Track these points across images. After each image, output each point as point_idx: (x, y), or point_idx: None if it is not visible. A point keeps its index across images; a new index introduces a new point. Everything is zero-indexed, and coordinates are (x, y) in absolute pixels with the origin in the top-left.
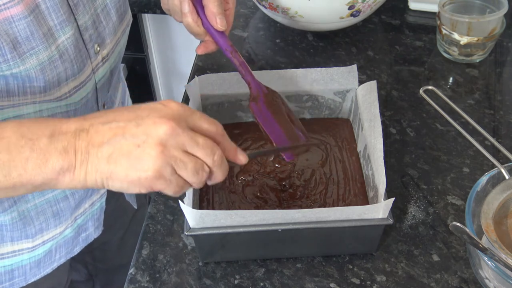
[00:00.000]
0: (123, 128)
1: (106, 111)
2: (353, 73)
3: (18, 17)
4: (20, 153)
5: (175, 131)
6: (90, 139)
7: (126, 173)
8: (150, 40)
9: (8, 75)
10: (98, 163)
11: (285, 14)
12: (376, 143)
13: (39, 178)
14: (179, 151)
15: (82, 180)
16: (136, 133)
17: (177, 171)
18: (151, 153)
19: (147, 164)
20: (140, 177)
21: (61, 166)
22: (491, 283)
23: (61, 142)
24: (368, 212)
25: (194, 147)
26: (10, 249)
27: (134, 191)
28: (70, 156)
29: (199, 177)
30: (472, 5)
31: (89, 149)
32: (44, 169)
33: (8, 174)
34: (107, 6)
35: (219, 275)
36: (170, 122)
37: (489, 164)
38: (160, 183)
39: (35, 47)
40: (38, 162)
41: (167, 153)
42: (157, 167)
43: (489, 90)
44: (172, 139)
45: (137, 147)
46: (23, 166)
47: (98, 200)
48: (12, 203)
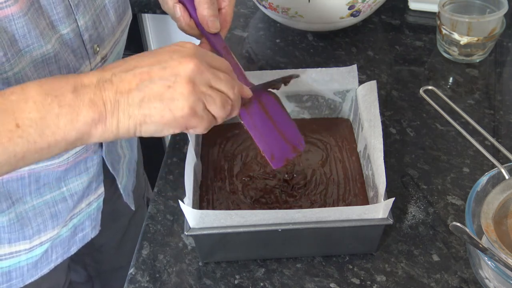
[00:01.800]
0: (148, 72)
1: (123, 60)
2: (353, 73)
3: (17, 15)
4: (49, 111)
5: (200, 69)
6: (116, 88)
7: (161, 115)
8: (150, 40)
9: (11, 77)
10: (131, 110)
11: (285, 14)
12: (376, 143)
13: (73, 133)
14: (206, 87)
15: (115, 129)
16: (163, 75)
17: (207, 106)
18: (183, 91)
19: (181, 102)
20: (175, 116)
21: (92, 118)
22: (491, 283)
23: (86, 95)
24: (368, 212)
25: (218, 82)
26: (7, 251)
27: (167, 132)
28: (99, 107)
29: (225, 110)
30: (472, 5)
31: (117, 97)
32: (76, 124)
33: (43, 133)
34: (105, 7)
35: (219, 275)
36: (194, 60)
37: (489, 164)
38: (194, 120)
39: (31, 45)
40: (69, 118)
41: (198, 90)
42: (191, 104)
43: (489, 90)
44: (199, 76)
45: (168, 88)
46: (55, 123)
47: (95, 200)
48: (10, 204)
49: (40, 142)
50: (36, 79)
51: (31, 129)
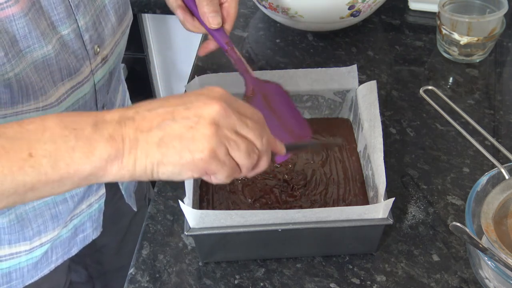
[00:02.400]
0: (171, 112)
1: (149, 100)
2: (353, 73)
3: (18, 16)
4: (65, 143)
5: (226, 112)
6: (137, 126)
7: (180, 155)
8: (150, 40)
9: (12, 77)
10: (149, 148)
11: (285, 14)
12: (376, 143)
13: (87, 168)
14: (231, 131)
15: (131, 168)
16: (187, 115)
17: (230, 152)
18: (205, 132)
19: (201, 144)
20: (194, 158)
21: (109, 154)
22: (491, 283)
23: (106, 130)
24: (368, 212)
25: (245, 128)
26: (7, 252)
27: (186, 176)
28: (117, 143)
29: (250, 159)
30: (472, 5)
31: (137, 135)
32: (91, 158)
33: (55, 165)
34: (106, 7)
35: (219, 275)
36: (221, 102)
37: (489, 164)
38: (215, 164)
39: (31, 45)
40: (85, 151)
41: (221, 133)
42: (212, 146)
43: (489, 90)
44: (224, 119)
45: (189, 129)
46: (70, 155)
47: (96, 201)
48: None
49: (51, 174)
50: (37, 79)
51: (44, 160)
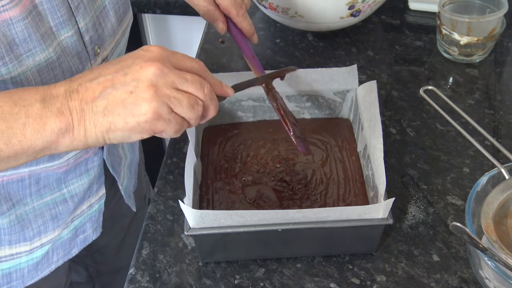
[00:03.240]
0: (111, 80)
1: (91, 69)
2: (353, 73)
3: (16, 19)
4: (16, 120)
5: (162, 71)
6: (82, 97)
7: (125, 121)
8: (150, 40)
9: (8, 81)
10: (95, 118)
11: (285, 14)
12: (376, 143)
13: (39, 142)
14: (170, 89)
15: (83, 138)
16: (125, 81)
17: (173, 109)
18: (145, 96)
19: (143, 107)
20: (139, 121)
21: (59, 128)
22: (491, 283)
23: (54, 105)
24: (368, 212)
25: (184, 83)
26: (8, 252)
27: (136, 138)
28: (66, 117)
29: (195, 111)
30: (472, 5)
31: (83, 106)
32: (43, 133)
33: (9, 142)
34: (105, 8)
35: (219, 275)
36: (156, 63)
37: (489, 164)
38: (160, 124)
39: (32, 49)
40: (36, 127)
41: (160, 93)
42: (153, 107)
43: (489, 90)
44: (161, 79)
45: (130, 94)
46: (22, 132)
47: (97, 202)
48: (10, 206)
49: (6, 150)
50: (38, 83)
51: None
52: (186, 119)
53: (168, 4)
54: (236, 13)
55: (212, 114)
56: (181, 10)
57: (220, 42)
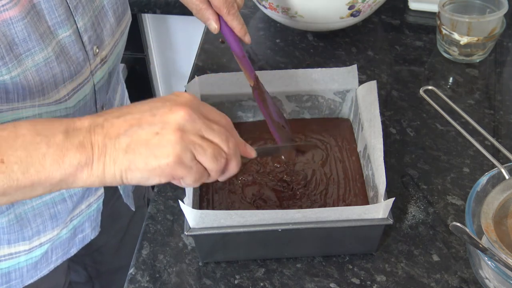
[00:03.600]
0: (138, 119)
1: (118, 107)
2: (353, 73)
3: (16, 19)
4: (36, 150)
5: (191, 117)
6: (106, 133)
7: (146, 162)
8: (150, 40)
9: (8, 80)
10: (116, 155)
11: (285, 14)
12: (376, 143)
13: (57, 174)
14: (197, 136)
15: (100, 174)
16: (153, 121)
17: (196, 156)
18: (170, 138)
19: (167, 150)
20: (160, 164)
21: (79, 161)
22: (491, 283)
23: (77, 137)
24: (368, 212)
25: (211, 133)
26: (7, 252)
27: (154, 181)
28: (87, 150)
29: (218, 163)
30: (472, 5)
31: (106, 142)
32: (62, 165)
33: (26, 171)
34: (104, 8)
35: (219, 275)
36: (186, 108)
37: (489, 164)
38: (181, 169)
39: (31, 49)
40: (56, 158)
41: (186, 138)
42: (177, 151)
43: (489, 90)
44: (189, 125)
45: (155, 135)
46: (41, 162)
47: (95, 201)
48: (9, 205)
49: (22, 180)
50: (37, 82)
51: (15, 166)
52: (207, 170)
53: (168, 4)
54: (227, 12)
55: (233, 170)
56: (181, 10)
57: (220, 42)
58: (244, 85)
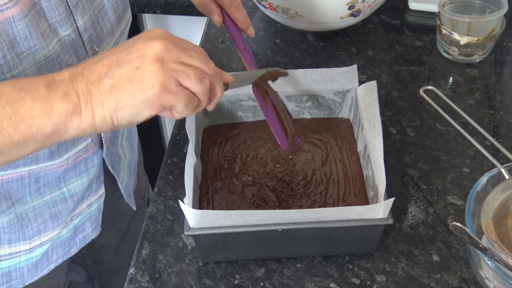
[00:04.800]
0: (116, 60)
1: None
2: (353, 73)
3: (17, 17)
4: (23, 104)
5: (167, 47)
6: (87, 79)
7: (133, 97)
8: None
9: (9, 79)
10: (102, 97)
11: (285, 14)
12: (376, 143)
13: (48, 125)
14: (177, 63)
15: (90, 120)
16: (130, 58)
17: (181, 81)
18: (151, 69)
19: (150, 81)
20: (147, 96)
21: (67, 109)
22: (491, 283)
23: (60, 88)
24: (368, 212)
25: (189, 58)
26: (7, 251)
27: (144, 115)
28: (73, 98)
29: (203, 85)
30: (472, 5)
31: (89, 87)
32: (50, 115)
33: (17, 126)
34: (104, 7)
35: (219, 275)
36: (161, 39)
37: (489, 164)
38: (169, 97)
39: (33, 47)
40: (44, 109)
41: (167, 66)
42: (161, 80)
43: (489, 90)
44: (167, 54)
45: (136, 70)
46: (30, 115)
47: (96, 201)
48: (10, 205)
49: (15, 135)
50: None
51: (5, 123)
52: (195, 94)
53: (168, 4)
54: (229, 4)
55: (219, 93)
56: (181, 10)
57: (220, 42)
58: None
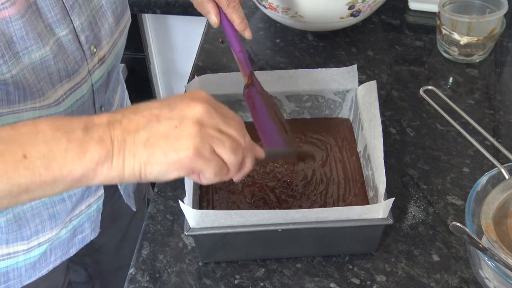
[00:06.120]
0: (156, 114)
1: (135, 105)
2: (353, 73)
3: (15, 17)
4: (58, 145)
5: (209, 111)
6: (125, 128)
7: (165, 155)
8: (150, 40)
9: (9, 79)
10: (136, 149)
11: (285, 14)
12: (376, 143)
13: (79, 169)
14: (215, 130)
15: (120, 169)
16: (171, 116)
17: (215, 149)
18: (189, 131)
19: (186, 143)
20: (180, 157)
21: (99, 155)
22: (491, 283)
23: (96, 133)
24: (368, 212)
25: (228, 127)
26: (5, 252)
27: (172, 175)
28: (107, 145)
29: (236, 156)
30: (472, 5)
31: (125, 136)
32: (83, 159)
33: (49, 166)
34: (102, 7)
35: (219, 275)
36: (204, 103)
37: (489, 164)
38: (200, 162)
39: (29, 47)
40: (77, 152)
41: (205, 132)
42: (196, 144)
43: (489, 90)
44: (207, 119)
45: (174, 128)
46: (63, 157)
47: (95, 202)
48: None
49: (45, 175)
50: (34, 81)
51: (38, 161)
52: (226, 163)
53: (168, 4)
54: (227, 4)
55: (249, 166)
56: (181, 10)
57: (220, 42)
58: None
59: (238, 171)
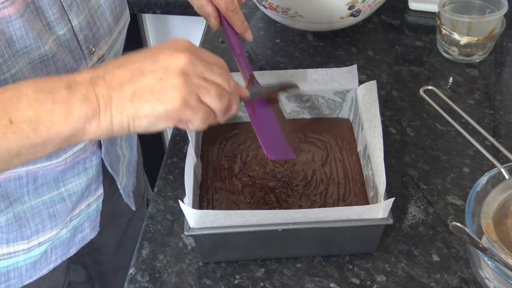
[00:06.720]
0: (139, 67)
1: (116, 59)
2: (353, 73)
3: (14, 16)
4: (43, 107)
5: (192, 61)
6: (108, 84)
7: (152, 107)
8: (150, 40)
9: (9, 79)
10: (122, 104)
11: (285, 14)
12: (376, 143)
13: (66, 129)
14: (199, 78)
15: (109, 125)
16: (154, 68)
17: (201, 97)
18: (174, 83)
19: (172, 94)
20: (167, 108)
21: (86, 113)
22: (491, 283)
23: (80, 91)
24: (368, 212)
25: (212, 74)
26: (5, 251)
27: (161, 126)
28: (92, 103)
29: (222, 102)
30: (472, 5)
31: (110, 92)
32: (70, 119)
33: (37, 129)
34: (101, 7)
35: (219, 275)
36: (186, 53)
37: (489, 164)
38: (188, 112)
39: (28, 46)
40: (63, 113)
41: (190, 81)
42: (182, 95)
43: (489, 90)
44: (191, 68)
45: (159, 81)
46: (49, 119)
47: (95, 201)
48: (8, 204)
49: (34, 138)
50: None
51: (25, 125)
52: (213, 110)
53: (168, 4)
54: (226, 7)
55: (234, 110)
56: (181, 10)
57: (220, 42)
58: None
59: (224, 115)
